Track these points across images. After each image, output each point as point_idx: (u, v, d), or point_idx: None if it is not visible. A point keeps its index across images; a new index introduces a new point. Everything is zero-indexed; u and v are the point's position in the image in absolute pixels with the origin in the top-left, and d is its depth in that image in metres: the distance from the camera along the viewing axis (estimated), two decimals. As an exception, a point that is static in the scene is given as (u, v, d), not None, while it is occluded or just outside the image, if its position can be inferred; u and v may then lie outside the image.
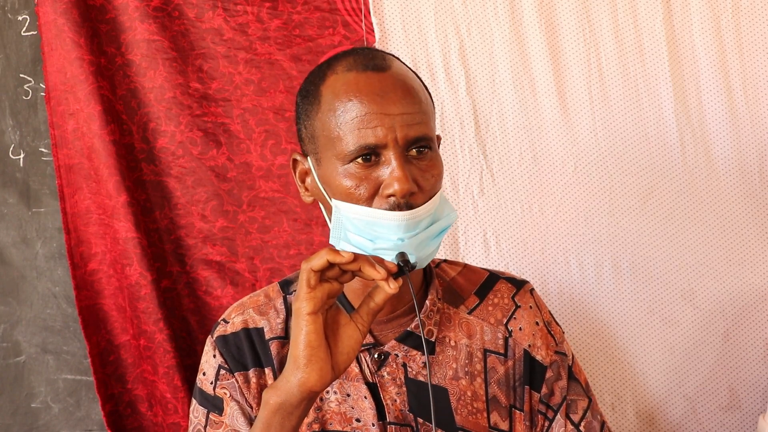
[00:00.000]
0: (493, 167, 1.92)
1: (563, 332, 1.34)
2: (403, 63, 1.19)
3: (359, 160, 1.10)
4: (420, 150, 1.12)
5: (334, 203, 1.14)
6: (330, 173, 1.13)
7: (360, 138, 1.09)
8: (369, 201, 1.11)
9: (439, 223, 1.14)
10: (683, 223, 1.89)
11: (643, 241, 1.89)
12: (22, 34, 1.96)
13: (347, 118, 1.10)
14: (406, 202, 1.09)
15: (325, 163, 1.14)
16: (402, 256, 1.08)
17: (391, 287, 1.01)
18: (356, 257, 1.01)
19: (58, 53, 1.89)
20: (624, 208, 1.90)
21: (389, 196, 1.10)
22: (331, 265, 1.02)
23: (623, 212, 1.90)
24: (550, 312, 1.34)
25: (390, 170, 1.09)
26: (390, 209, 1.09)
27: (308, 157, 1.19)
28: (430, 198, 1.12)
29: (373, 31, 1.90)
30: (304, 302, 1.02)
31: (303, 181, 1.22)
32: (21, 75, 1.97)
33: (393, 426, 1.21)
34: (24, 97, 1.97)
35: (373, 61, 1.13)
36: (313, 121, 1.15)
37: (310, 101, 1.16)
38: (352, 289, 1.22)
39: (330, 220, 1.17)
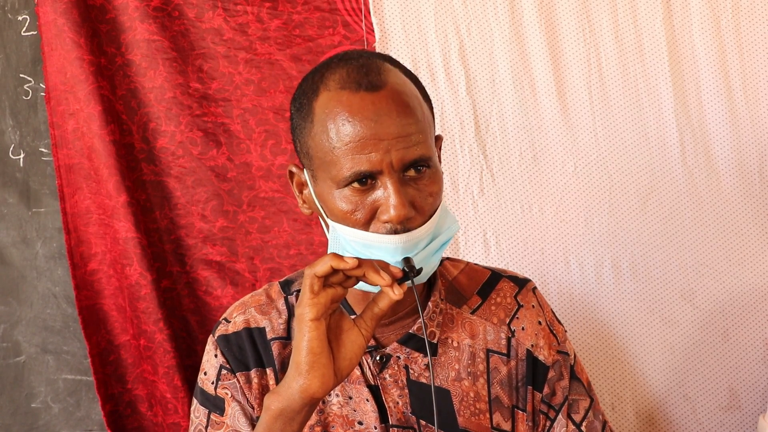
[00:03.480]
0: (493, 167, 1.92)
1: (565, 331, 1.33)
2: (400, 69, 1.15)
3: (354, 185, 1.08)
4: (417, 169, 1.09)
5: (331, 224, 1.13)
6: (326, 194, 1.11)
7: (354, 164, 1.06)
8: (366, 225, 1.09)
9: (439, 238, 1.12)
10: (683, 223, 1.89)
11: (643, 241, 1.90)
12: (22, 34, 1.96)
13: (341, 143, 1.07)
14: (403, 227, 1.07)
15: (320, 183, 1.12)
16: (407, 261, 1.07)
17: (396, 293, 1.01)
18: (360, 263, 1.00)
19: (58, 53, 1.89)
20: (624, 208, 1.90)
21: (386, 221, 1.08)
22: (335, 271, 1.01)
23: (623, 212, 1.90)
24: (552, 311, 1.34)
25: (386, 196, 1.07)
26: (387, 233, 1.08)
27: (305, 170, 1.17)
28: (429, 217, 1.10)
29: (373, 31, 1.90)
30: (307, 308, 1.01)
31: (300, 192, 1.20)
32: (21, 75, 1.97)
33: (395, 428, 1.21)
34: (24, 97, 1.97)
35: (367, 77, 1.09)
36: (306, 139, 1.13)
37: (303, 117, 1.13)
38: (353, 292, 1.21)
39: (328, 234, 1.16)
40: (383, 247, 1.08)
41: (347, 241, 1.11)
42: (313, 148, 1.12)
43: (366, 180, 1.08)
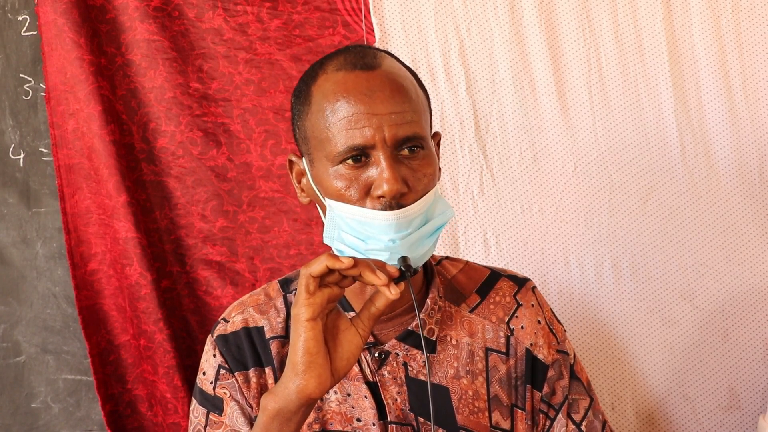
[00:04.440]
0: (493, 167, 1.92)
1: (565, 330, 1.33)
2: (397, 60, 1.18)
3: (348, 161, 1.10)
4: (411, 149, 1.11)
5: (328, 202, 1.13)
6: (322, 174, 1.13)
7: (348, 139, 1.08)
8: (360, 202, 1.10)
9: (433, 221, 1.13)
10: (683, 223, 1.89)
11: (643, 241, 1.90)
12: (22, 34, 1.96)
13: (335, 118, 1.09)
14: (396, 203, 1.08)
15: (317, 164, 1.14)
16: (404, 260, 1.08)
17: (393, 293, 1.01)
18: (356, 262, 1.00)
19: (58, 53, 1.89)
20: (624, 208, 1.90)
21: (379, 197, 1.09)
22: (331, 271, 1.01)
23: (623, 212, 1.90)
24: (551, 310, 1.34)
25: (379, 171, 1.08)
26: (381, 209, 1.09)
27: (303, 158, 1.19)
28: (422, 197, 1.11)
29: (373, 31, 1.90)
30: (302, 308, 1.01)
31: (299, 182, 1.22)
32: (21, 75, 1.97)
33: (394, 425, 1.21)
34: (24, 97, 1.97)
35: (363, 59, 1.12)
36: (304, 121, 1.15)
37: (302, 101, 1.16)
38: (350, 289, 1.22)
39: (324, 219, 1.17)
40: (377, 224, 1.09)
41: (343, 220, 1.12)
42: (309, 129, 1.14)
43: (360, 157, 1.09)
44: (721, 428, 1.90)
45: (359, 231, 1.11)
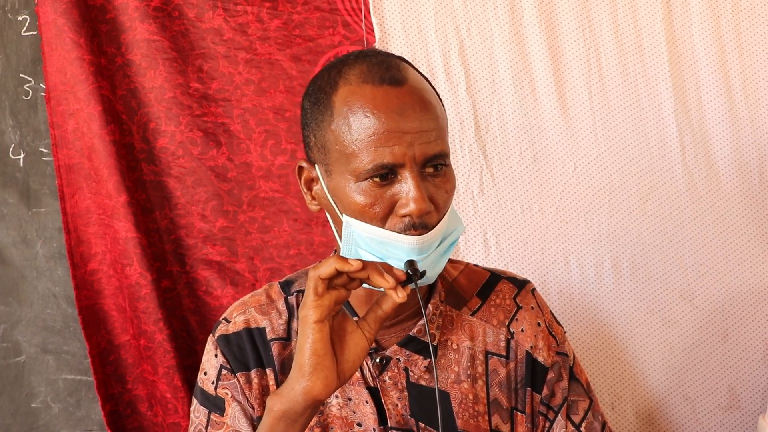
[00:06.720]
0: (493, 167, 1.92)
1: (565, 332, 1.33)
2: (417, 70, 1.16)
3: (375, 178, 1.08)
4: (436, 167, 1.10)
5: (346, 219, 1.11)
6: (342, 188, 1.11)
7: (377, 157, 1.06)
8: (383, 220, 1.09)
9: (447, 239, 1.13)
10: (683, 223, 1.89)
11: (643, 241, 1.90)
12: (22, 34, 1.96)
13: (363, 135, 1.07)
14: (421, 222, 1.08)
15: (336, 177, 1.11)
16: (411, 264, 1.07)
17: (400, 296, 1.01)
18: (365, 265, 1.01)
19: (58, 53, 1.89)
20: (624, 208, 1.90)
21: (405, 215, 1.08)
22: (339, 273, 1.01)
23: (623, 212, 1.90)
24: (551, 312, 1.34)
25: (407, 190, 1.07)
26: (405, 228, 1.08)
27: (316, 166, 1.16)
28: (443, 215, 1.11)
29: (373, 31, 1.90)
30: (311, 310, 1.01)
31: (309, 189, 1.19)
32: (21, 75, 1.97)
33: (394, 431, 1.21)
34: (24, 97, 1.97)
35: (388, 72, 1.09)
36: (324, 132, 1.12)
37: (321, 111, 1.12)
38: (356, 294, 1.21)
39: (338, 231, 1.16)
40: (399, 245, 1.08)
41: (361, 237, 1.11)
42: (331, 141, 1.11)
43: (387, 174, 1.08)
44: (721, 428, 1.90)
45: (378, 250, 1.10)
